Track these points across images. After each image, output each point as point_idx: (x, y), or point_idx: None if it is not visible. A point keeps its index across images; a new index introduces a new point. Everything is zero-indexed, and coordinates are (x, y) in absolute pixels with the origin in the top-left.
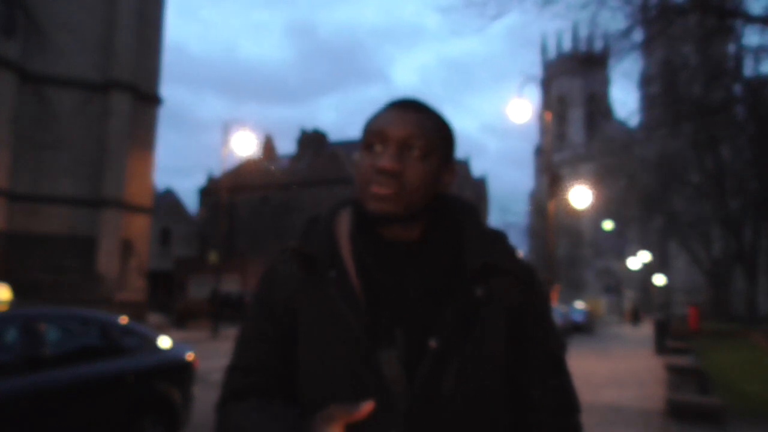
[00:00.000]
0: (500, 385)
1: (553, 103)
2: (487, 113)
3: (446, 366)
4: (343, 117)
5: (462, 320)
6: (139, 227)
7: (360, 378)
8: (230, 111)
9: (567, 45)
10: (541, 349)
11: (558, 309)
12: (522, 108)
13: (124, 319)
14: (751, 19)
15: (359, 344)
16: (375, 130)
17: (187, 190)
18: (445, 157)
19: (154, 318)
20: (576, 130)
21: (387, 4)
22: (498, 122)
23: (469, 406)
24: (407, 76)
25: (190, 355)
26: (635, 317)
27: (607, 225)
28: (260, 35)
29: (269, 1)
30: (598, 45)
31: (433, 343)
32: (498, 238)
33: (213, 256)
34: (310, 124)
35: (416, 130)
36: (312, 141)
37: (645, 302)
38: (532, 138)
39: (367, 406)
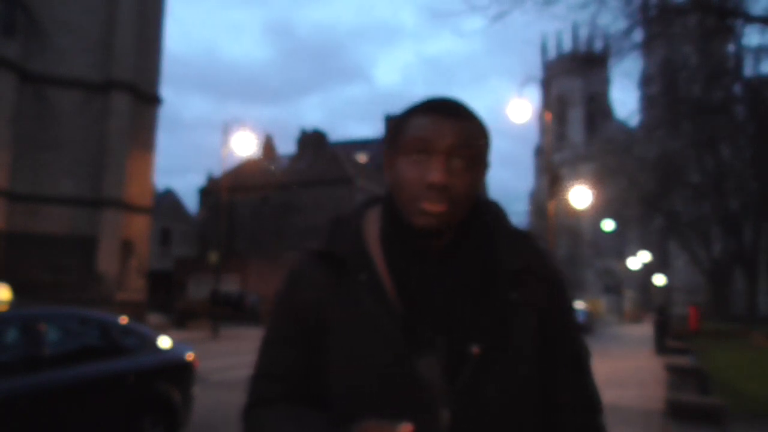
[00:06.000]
0: (534, 387)
1: (553, 103)
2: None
3: (487, 372)
4: (328, 116)
5: (500, 325)
6: (139, 227)
7: (399, 386)
8: (214, 111)
9: (567, 45)
10: (567, 350)
11: None
12: (522, 108)
13: (124, 319)
14: (751, 19)
15: (397, 351)
16: (418, 138)
17: (187, 190)
18: (485, 162)
19: (154, 318)
20: (576, 130)
21: (364, 4)
22: (485, 121)
23: (507, 410)
24: (389, 75)
25: (190, 355)
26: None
27: (607, 225)
28: (239, 35)
29: (245, 0)
30: (598, 45)
31: (476, 350)
32: (528, 239)
33: (213, 256)
34: (296, 124)
35: (462, 140)
36: (312, 141)
37: (645, 302)
38: (532, 138)
39: (406, 428)
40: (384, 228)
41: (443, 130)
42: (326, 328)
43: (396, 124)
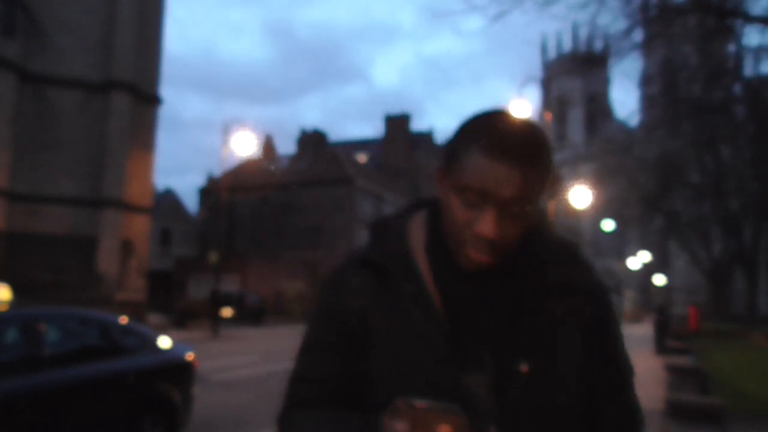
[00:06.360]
0: (577, 402)
1: (553, 103)
2: (468, 111)
3: (535, 389)
4: (327, 116)
5: (547, 341)
6: (139, 227)
7: (445, 399)
8: (214, 111)
9: (567, 45)
10: (610, 365)
11: None
12: (522, 108)
13: (124, 319)
14: (751, 19)
15: (444, 367)
16: (474, 187)
17: (187, 190)
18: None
19: (154, 318)
20: (576, 130)
21: (362, 4)
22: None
23: (553, 426)
24: (388, 76)
25: (190, 355)
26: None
27: (607, 225)
28: (238, 35)
29: (243, 1)
30: (598, 45)
31: (525, 368)
32: (573, 252)
33: (213, 256)
34: (296, 124)
35: (523, 193)
36: (312, 141)
37: (645, 302)
38: None
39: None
40: (429, 238)
41: (504, 180)
42: (370, 336)
43: (454, 148)
